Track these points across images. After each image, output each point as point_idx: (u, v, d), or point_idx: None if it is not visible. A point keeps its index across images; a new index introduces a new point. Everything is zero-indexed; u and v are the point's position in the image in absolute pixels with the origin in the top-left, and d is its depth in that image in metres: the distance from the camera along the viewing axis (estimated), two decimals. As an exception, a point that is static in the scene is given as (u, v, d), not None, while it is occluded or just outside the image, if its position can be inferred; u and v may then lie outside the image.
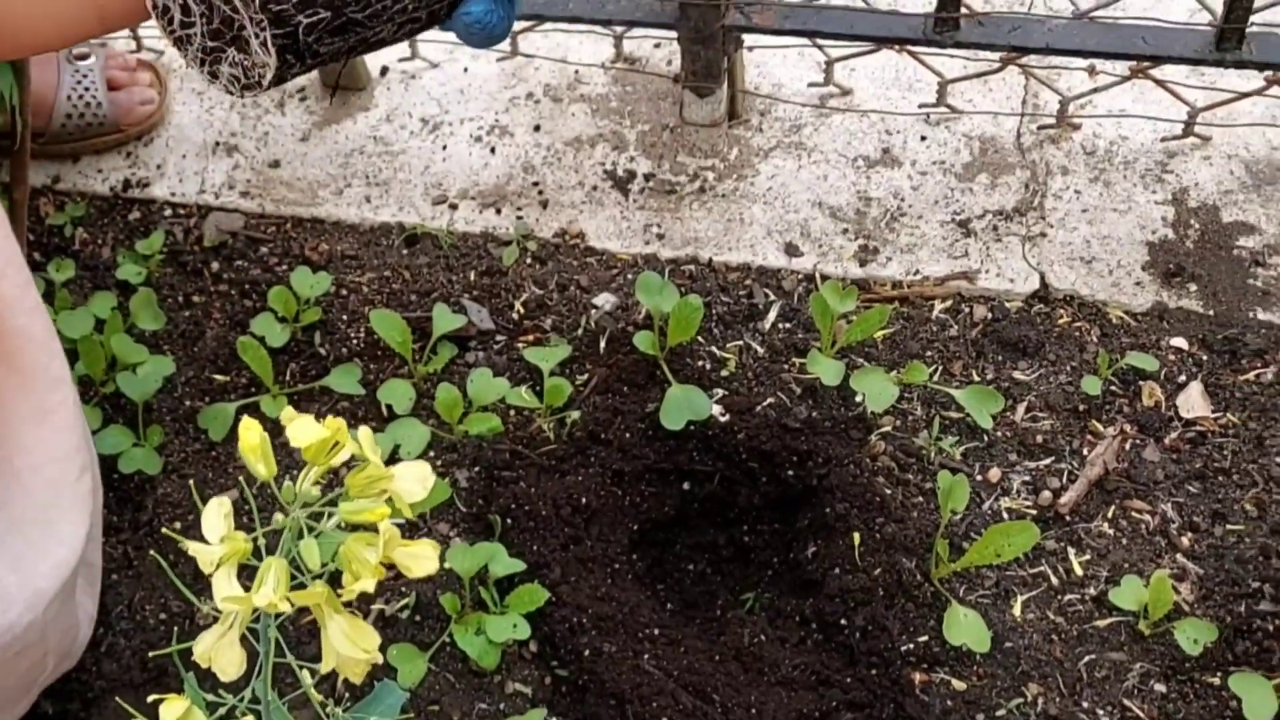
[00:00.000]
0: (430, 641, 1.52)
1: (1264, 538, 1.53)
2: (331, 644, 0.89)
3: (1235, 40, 1.75)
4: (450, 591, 1.54)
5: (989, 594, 1.52)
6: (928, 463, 1.63)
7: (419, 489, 0.88)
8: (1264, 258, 1.76)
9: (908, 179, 1.91)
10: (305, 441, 0.85)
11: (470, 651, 1.50)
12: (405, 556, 0.88)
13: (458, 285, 1.86)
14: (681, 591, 1.60)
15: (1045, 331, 1.73)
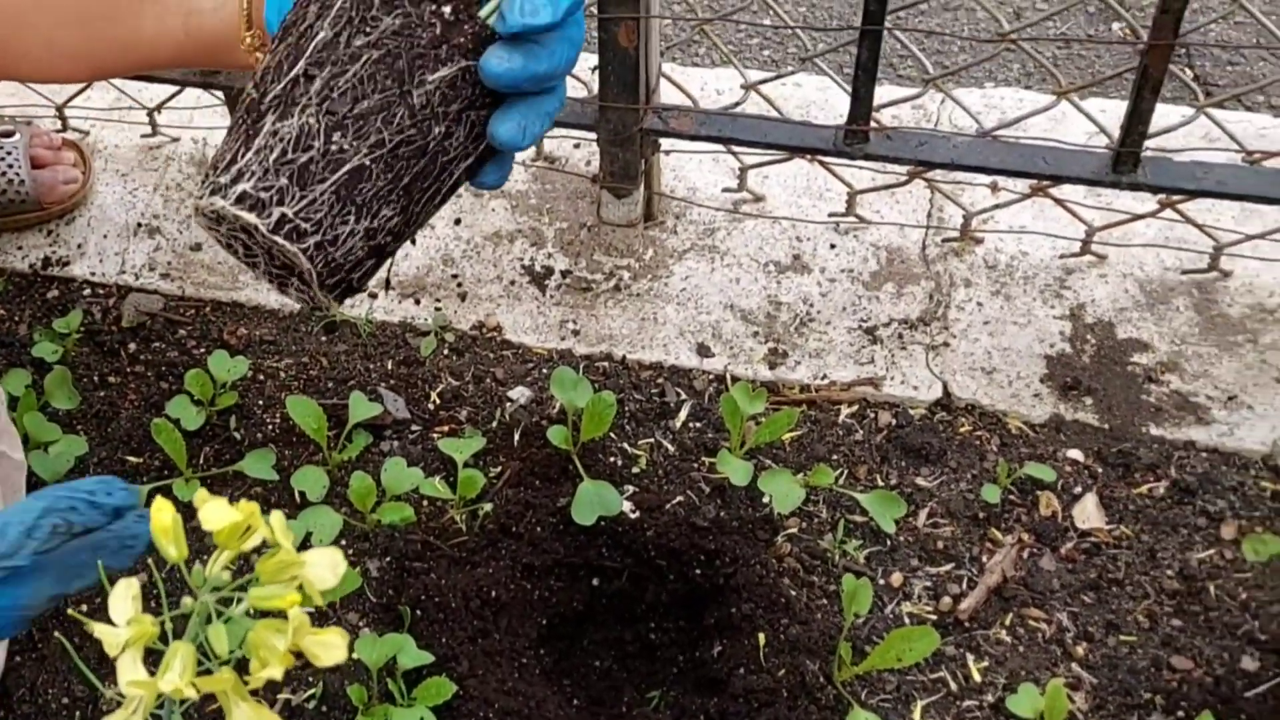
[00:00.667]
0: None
1: (1155, 649, 1.54)
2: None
3: (1130, 164, 1.79)
4: (358, 682, 1.51)
5: (890, 698, 1.52)
6: (832, 565, 1.63)
7: (330, 576, 0.85)
8: (1156, 374, 1.79)
9: (817, 285, 1.92)
10: (218, 525, 0.82)
11: (377, 744, 1.47)
12: (314, 644, 0.85)
13: (375, 374, 1.84)
14: (588, 687, 1.58)
15: (947, 439, 1.74)
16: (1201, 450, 1.71)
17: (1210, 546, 1.62)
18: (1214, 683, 1.49)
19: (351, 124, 0.92)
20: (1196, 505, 1.66)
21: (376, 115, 0.92)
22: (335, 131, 0.92)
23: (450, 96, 0.94)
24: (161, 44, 1.17)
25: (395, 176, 0.93)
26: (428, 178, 0.94)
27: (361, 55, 0.93)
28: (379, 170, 0.93)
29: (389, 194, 0.93)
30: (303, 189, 0.91)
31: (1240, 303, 1.87)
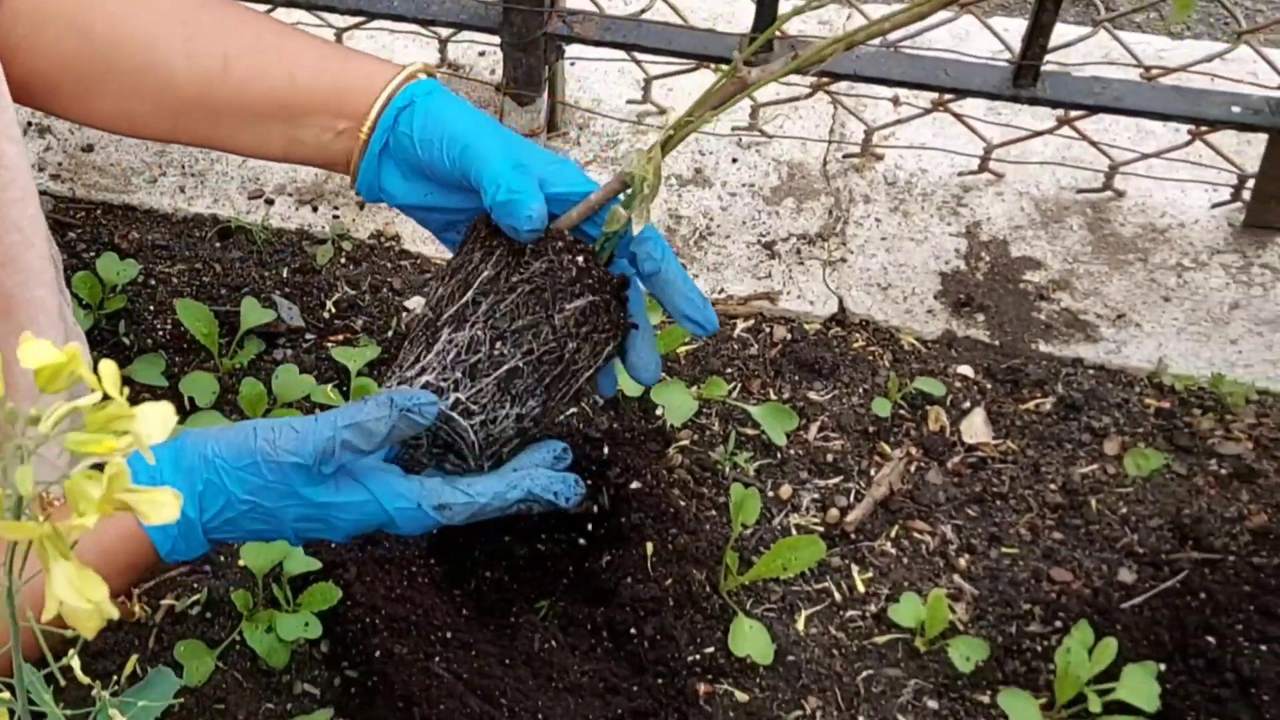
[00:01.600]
0: (219, 639, 1.46)
1: (1036, 561, 1.54)
2: (55, 592, 0.80)
3: (1031, 78, 1.77)
4: (243, 588, 1.48)
5: (775, 608, 1.51)
6: (722, 477, 1.61)
7: (160, 430, 0.80)
8: (1048, 293, 1.78)
9: (718, 199, 1.89)
10: (37, 364, 0.78)
11: (259, 650, 1.44)
12: (140, 501, 0.79)
13: (269, 281, 1.79)
14: (477, 597, 1.56)
15: (841, 354, 1.72)
16: (1089, 367, 1.71)
17: (1093, 461, 1.62)
18: (1092, 594, 1.49)
19: (510, 336, 1.20)
20: (1081, 421, 1.65)
21: (528, 330, 1.20)
22: (498, 341, 1.20)
23: (581, 321, 1.22)
24: (263, 152, 1.34)
25: (540, 377, 1.21)
26: (563, 379, 1.23)
27: (517, 288, 1.20)
28: (529, 371, 1.21)
29: (535, 390, 1.22)
30: (473, 382, 1.20)
31: (1132, 222, 1.85)
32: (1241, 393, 1.65)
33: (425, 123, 1.24)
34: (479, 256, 1.23)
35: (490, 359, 1.20)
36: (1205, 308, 1.75)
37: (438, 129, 1.23)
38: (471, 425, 1.20)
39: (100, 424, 0.77)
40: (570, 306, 1.21)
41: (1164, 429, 1.64)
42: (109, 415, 0.78)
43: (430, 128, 1.23)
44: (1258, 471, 1.59)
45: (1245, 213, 1.84)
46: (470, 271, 1.23)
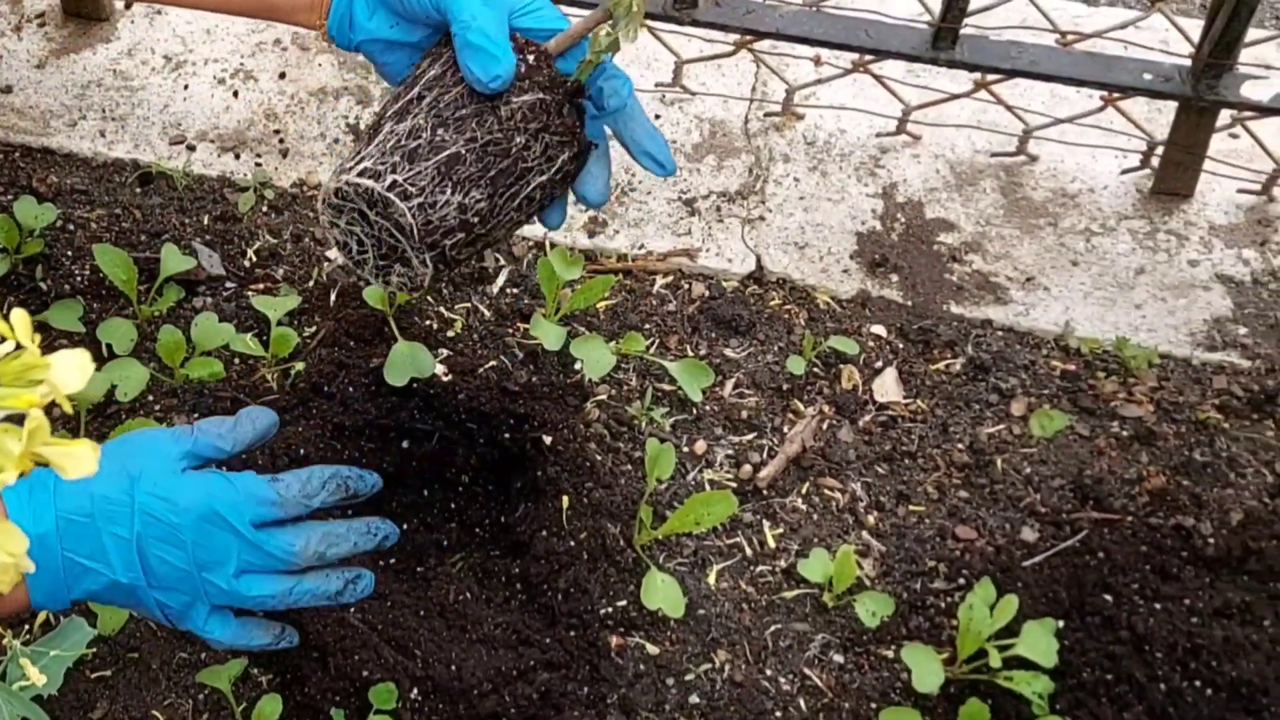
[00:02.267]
0: (136, 587, 1.44)
1: (942, 519, 1.55)
2: (-29, 545, 0.79)
3: (950, 40, 1.77)
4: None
5: (687, 562, 1.52)
6: (638, 432, 1.61)
7: (77, 379, 0.78)
8: (960, 254, 1.79)
9: (639, 154, 1.88)
10: None
11: (177, 601, 1.43)
12: (58, 455, 0.78)
13: (190, 228, 1.76)
14: (394, 549, 1.55)
15: (757, 312, 1.72)
16: (998, 329, 1.72)
17: (1000, 422, 1.63)
18: (994, 552, 1.51)
19: (453, 123, 1.18)
20: (989, 382, 1.66)
21: (472, 119, 1.19)
22: (440, 128, 1.18)
23: (530, 116, 1.20)
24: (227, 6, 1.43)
25: (484, 167, 1.19)
26: (511, 176, 1.21)
27: (462, 80, 1.20)
28: (472, 159, 1.19)
29: (479, 179, 1.19)
30: (411, 164, 1.18)
31: (1044, 187, 1.87)
32: (1144, 357, 1.67)
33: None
34: (428, 62, 1.24)
35: (431, 145, 1.19)
36: (1112, 273, 1.77)
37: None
38: (409, 208, 1.17)
39: (14, 375, 0.76)
40: (518, 100, 1.21)
41: (1069, 391, 1.66)
42: (23, 365, 0.76)
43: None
44: (1157, 434, 1.61)
45: (1153, 179, 1.86)
46: (418, 73, 1.23)
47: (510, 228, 1.27)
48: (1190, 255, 1.79)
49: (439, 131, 1.18)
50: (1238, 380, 1.67)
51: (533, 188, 1.24)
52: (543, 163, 1.23)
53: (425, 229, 1.18)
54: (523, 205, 1.24)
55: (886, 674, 1.44)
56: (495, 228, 1.23)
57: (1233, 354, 1.69)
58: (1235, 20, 1.67)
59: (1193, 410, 1.64)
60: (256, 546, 1.23)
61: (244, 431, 1.31)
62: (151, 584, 1.20)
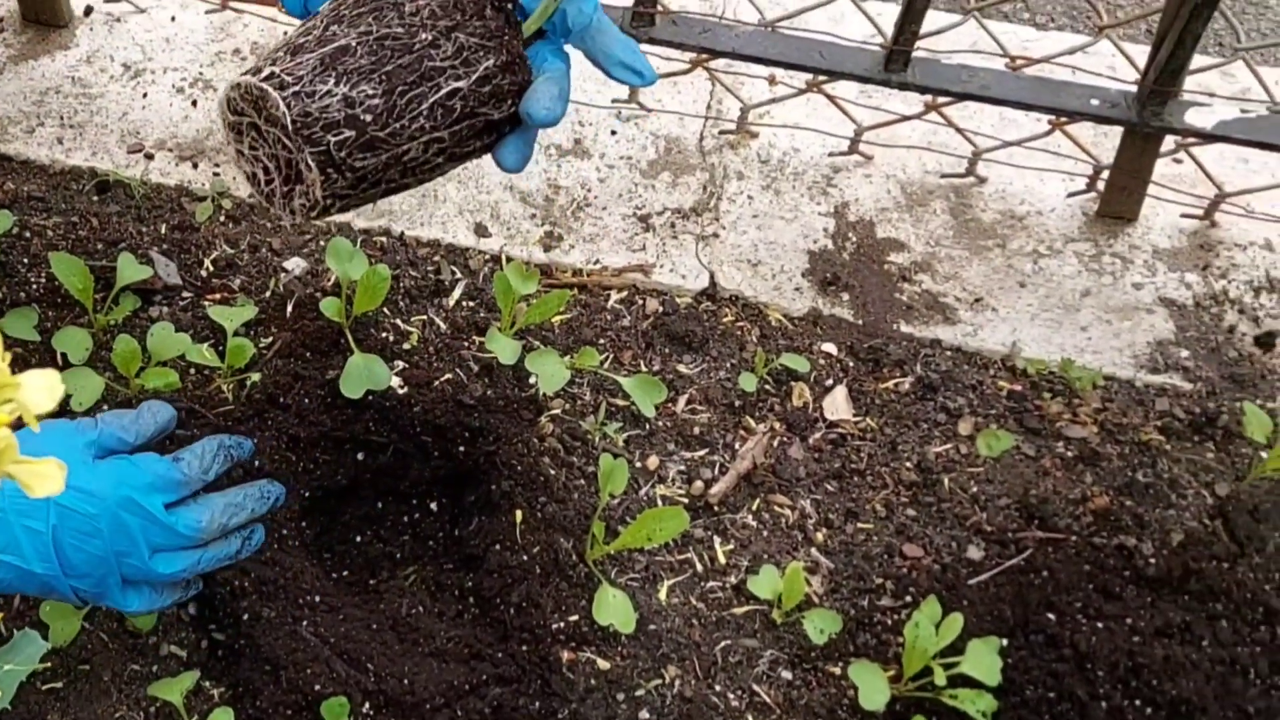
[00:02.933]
0: (89, 599, 1.42)
1: (890, 537, 1.55)
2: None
3: (902, 63, 1.77)
4: (114, 549, 1.44)
5: (638, 577, 1.51)
6: (592, 446, 1.60)
7: (47, 399, 0.77)
8: (910, 274, 1.79)
9: (596, 171, 1.88)
10: None
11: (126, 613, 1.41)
12: (26, 473, 0.76)
13: (147, 237, 1.74)
14: (347, 560, 1.54)
15: (711, 328, 1.72)
16: (946, 349, 1.72)
17: (948, 441, 1.63)
18: (941, 570, 1.51)
19: (347, 19, 1.07)
20: (938, 401, 1.66)
21: (369, 15, 1.07)
22: (333, 24, 1.07)
23: (439, 14, 1.08)
24: None
25: (377, 60, 1.06)
26: (411, 73, 1.07)
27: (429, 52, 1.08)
28: (362, 51, 1.06)
29: (370, 73, 1.06)
30: (293, 57, 1.06)
31: (992, 208, 1.87)
32: (1089, 378, 1.68)
33: None
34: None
35: (319, 39, 1.07)
36: (1058, 294, 1.78)
37: None
38: (284, 97, 1.03)
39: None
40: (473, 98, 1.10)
41: (1015, 411, 1.66)
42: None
43: None
44: (1101, 455, 1.62)
45: (1099, 202, 1.86)
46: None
47: (429, 143, 1.11)
48: (1134, 278, 1.80)
49: (331, 28, 1.07)
50: (1179, 403, 1.68)
51: (446, 93, 1.09)
52: (458, 65, 1.09)
53: (303, 120, 1.04)
54: (436, 114, 1.09)
55: (834, 691, 1.44)
56: (399, 132, 1.08)
57: (1175, 376, 1.70)
58: (1180, 49, 1.68)
59: (1136, 432, 1.64)
60: (169, 528, 1.28)
61: (146, 424, 1.37)
62: (67, 573, 1.21)
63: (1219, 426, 1.65)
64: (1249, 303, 1.78)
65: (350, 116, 1.05)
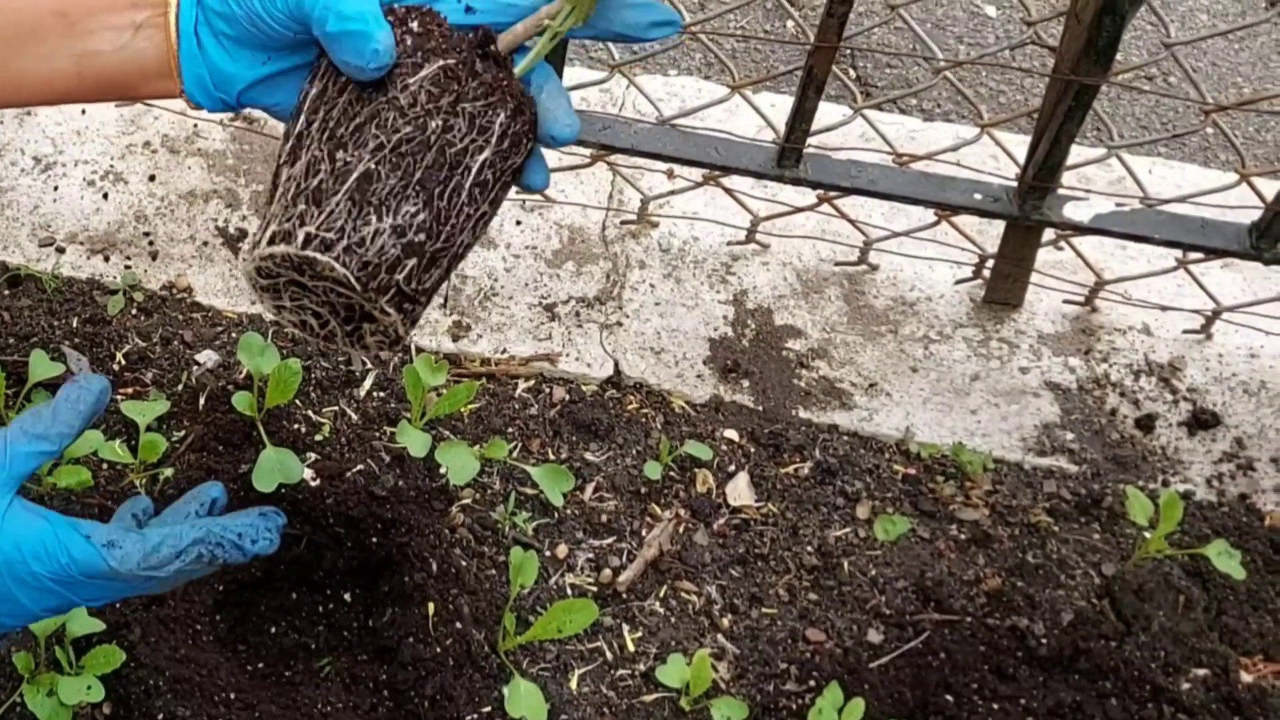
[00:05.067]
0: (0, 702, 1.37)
1: (793, 621, 1.55)
2: None
3: (794, 159, 1.78)
4: (24, 650, 1.39)
5: (549, 667, 1.49)
6: (502, 536, 1.58)
7: None
8: (808, 360, 1.80)
9: (502, 260, 1.86)
10: None
11: (40, 714, 1.36)
12: None
13: (59, 331, 1.70)
14: (262, 652, 1.50)
15: (616, 416, 1.71)
16: (844, 434, 1.73)
17: (846, 525, 1.63)
18: (843, 654, 1.51)
19: (350, 140, 0.93)
20: (836, 485, 1.67)
21: (370, 123, 0.93)
22: (337, 151, 0.93)
23: (437, 92, 0.94)
24: (55, 83, 1.03)
25: (405, 172, 0.92)
26: (441, 169, 0.93)
27: (346, 88, 0.94)
28: (386, 170, 0.92)
29: (404, 189, 0.92)
30: (319, 206, 0.91)
31: (885, 295, 1.88)
32: (979, 461, 1.69)
33: None
34: (307, 83, 0.98)
35: (334, 174, 0.93)
36: (949, 379, 1.79)
37: None
38: (334, 258, 0.91)
39: None
40: (415, 80, 0.95)
41: (910, 494, 1.67)
42: None
43: None
44: (993, 537, 1.63)
45: (985, 289, 1.89)
46: (300, 101, 0.98)
47: (477, 224, 0.99)
48: (1021, 363, 1.82)
49: (338, 155, 0.93)
50: (1066, 484, 1.69)
51: (478, 170, 0.95)
52: (476, 137, 0.95)
53: (365, 273, 0.92)
54: (476, 195, 0.96)
55: (742, 776, 1.43)
56: (454, 234, 0.96)
57: (1061, 459, 1.72)
58: (1057, 147, 1.71)
59: (1025, 513, 1.66)
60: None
61: (66, 419, 1.05)
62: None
63: (1104, 508, 1.67)
64: (1129, 386, 1.80)
65: (406, 245, 0.93)
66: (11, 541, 0.98)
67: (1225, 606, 1.59)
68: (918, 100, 2.45)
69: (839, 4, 1.61)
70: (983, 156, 1.95)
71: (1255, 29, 2.74)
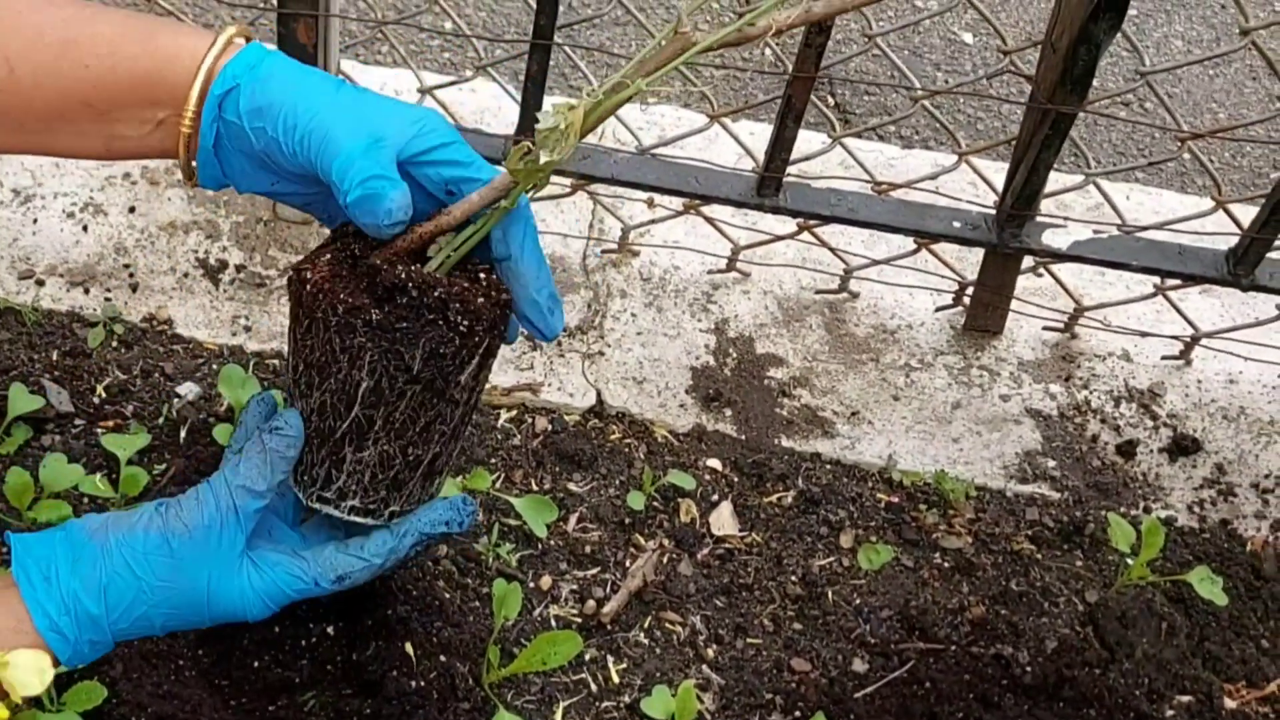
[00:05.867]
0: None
1: (778, 651, 1.54)
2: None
3: (773, 188, 1.78)
4: (6, 688, 1.38)
5: (534, 699, 1.48)
6: (486, 568, 1.57)
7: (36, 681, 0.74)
8: (790, 389, 1.80)
9: (484, 291, 1.85)
10: None
11: (23, 753, 1.34)
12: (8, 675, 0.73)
13: (39, 364, 1.69)
14: (245, 689, 1.48)
15: (599, 446, 1.70)
16: (826, 462, 1.72)
17: (830, 554, 1.63)
18: (828, 684, 1.50)
19: (419, 438, 1.07)
20: (820, 514, 1.66)
21: (435, 421, 1.07)
22: (409, 448, 1.08)
23: (477, 373, 1.07)
24: (85, 152, 1.12)
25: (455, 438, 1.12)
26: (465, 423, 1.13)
27: (405, 392, 1.04)
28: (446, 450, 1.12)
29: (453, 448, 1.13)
30: (400, 491, 1.12)
31: (865, 323, 1.88)
32: (961, 489, 1.69)
33: (254, 109, 1.04)
34: (346, 360, 1.03)
35: (407, 464, 1.09)
36: (930, 407, 1.79)
37: (271, 116, 1.03)
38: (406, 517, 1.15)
39: None
40: (464, 376, 1.05)
41: (893, 523, 1.66)
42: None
43: (262, 116, 1.03)
44: (976, 565, 1.62)
45: (966, 317, 1.89)
46: (344, 380, 1.04)
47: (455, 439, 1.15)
48: (1002, 390, 1.82)
49: (410, 451, 1.08)
50: (1048, 511, 1.69)
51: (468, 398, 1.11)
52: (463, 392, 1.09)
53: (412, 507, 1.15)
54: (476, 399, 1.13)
55: (728, 808, 1.42)
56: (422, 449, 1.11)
57: (1043, 486, 1.72)
58: (1034, 175, 1.71)
59: (1008, 541, 1.65)
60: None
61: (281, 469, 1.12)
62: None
63: (1086, 535, 1.67)
64: (1110, 412, 1.80)
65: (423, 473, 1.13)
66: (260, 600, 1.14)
67: (1208, 633, 1.59)
68: (896, 128, 2.46)
69: (816, 34, 1.61)
70: (962, 184, 1.96)
71: (1229, 57, 2.76)
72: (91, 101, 1.07)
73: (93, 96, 1.06)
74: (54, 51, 1.06)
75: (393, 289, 1.02)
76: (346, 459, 1.08)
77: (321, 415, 1.07)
